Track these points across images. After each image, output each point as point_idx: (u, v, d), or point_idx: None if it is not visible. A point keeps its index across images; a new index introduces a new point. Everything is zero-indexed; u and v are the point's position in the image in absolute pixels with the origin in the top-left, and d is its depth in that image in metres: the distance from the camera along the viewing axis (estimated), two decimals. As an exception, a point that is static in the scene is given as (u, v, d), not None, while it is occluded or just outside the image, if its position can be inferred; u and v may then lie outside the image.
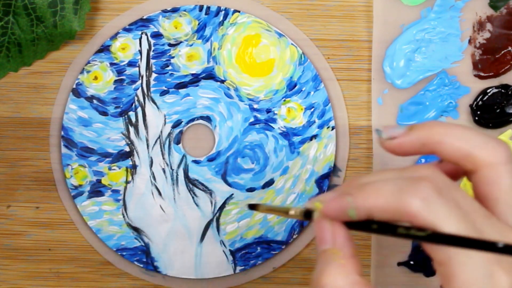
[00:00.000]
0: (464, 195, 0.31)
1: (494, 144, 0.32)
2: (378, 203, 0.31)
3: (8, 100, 0.52)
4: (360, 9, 0.52)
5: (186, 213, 0.51)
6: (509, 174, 0.32)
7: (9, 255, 0.52)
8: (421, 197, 0.30)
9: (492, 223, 0.31)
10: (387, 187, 0.31)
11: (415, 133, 0.34)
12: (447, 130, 0.33)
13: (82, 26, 0.50)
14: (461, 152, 0.32)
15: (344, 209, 0.32)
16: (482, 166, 0.32)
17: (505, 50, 0.51)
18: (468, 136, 0.32)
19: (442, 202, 0.30)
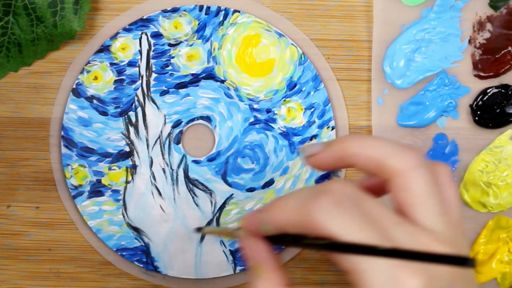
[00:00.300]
0: (374, 205, 0.32)
1: (403, 152, 0.33)
2: (286, 218, 0.33)
3: (8, 100, 0.52)
4: (360, 9, 0.52)
5: (186, 213, 0.51)
6: (420, 179, 0.33)
7: (9, 255, 0.52)
8: (320, 209, 0.31)
9: (404, 228, 0.32)
10: (293, 202, 0.33)
11: (331, 149, 0.35)
12: (360, 143, 0.34)
13: (82, 26, 0.50)
14: (374, 163, 0.34)
15: (259, 225, 0.35)
16: (394, 174, 0.33)
17: (505, 50, 0.51)
18: (379, 146, 0.33)
19: (340, 213, 0.31)
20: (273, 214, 0.34)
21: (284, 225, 0.33)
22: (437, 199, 0.33)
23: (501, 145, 0.52)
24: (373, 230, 0.31)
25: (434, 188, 0.33)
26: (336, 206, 0.31)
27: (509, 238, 0.52)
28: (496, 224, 0.52)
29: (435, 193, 0.33)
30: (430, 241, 0.32)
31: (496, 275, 0.52)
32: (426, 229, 0.32)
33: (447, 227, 0.33)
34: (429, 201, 0.33)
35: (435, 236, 0.32)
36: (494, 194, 0.52)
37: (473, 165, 0.52)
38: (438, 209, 0.33)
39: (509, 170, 0.52)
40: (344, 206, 0.31)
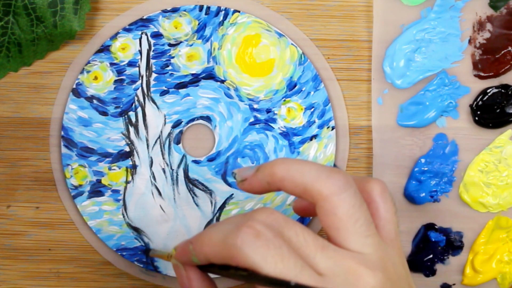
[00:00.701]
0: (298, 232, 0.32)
1: (327, 176, 0.33)
2: (211, 250, 0.34)
3: (8, 100, 0.52)
4: (360, 9, 0.52)
5: (186, 213, 0.51)
6: (344, 203, 0.33)
7: (9, 255, 0.52)
8: (241, 242, 0.32)
9: (327, 253, 0.32)
10: (216, 234, 0.33)
11: (260, 174, 0.35)
12: (286, 167, 0.34)
13: (82, 26, 0.50)
14: (299, 187, 0.34)
15: (188, 256, 0.35)
16: (319, 198, 0.33)
17: (505, 50, 0.51)
18: (304, 171, 0.34)
19: (261, 245, 0.31)
20: (199, 247, 0.34)
21: (210, 257, 0.34)
22: (363, 221, 0.33)
23: (501, 145, 0.52)
24: (293, 259, 0.31)
25: (360, 210, 0.33)
26: (256, 238, 0.32)
27: (509, 238, 0.52)
28: (496, 224, 0.52)
29: (361, 215, 0.33)
30: (354, 264, 0.32)
31: (496, 275, 0.52)
32: (353, 252, 0.33)
33: (375, 248, 0.33)
34: (355, 224, 0.33)
35: (361, 259, 0.32)
36: (494, 194, 0.52)
37: (473, 165, 0.52)
38: (364, 231, 0.33)
39: (509, 170, 0.52)
40: (264, 237, 0.32)
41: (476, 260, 0.52)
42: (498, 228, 0.52)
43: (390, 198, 0.36)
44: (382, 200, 0.35)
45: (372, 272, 0.32)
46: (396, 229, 0.36)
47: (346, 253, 0.33)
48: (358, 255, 0.33)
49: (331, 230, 0.33)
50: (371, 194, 0.36)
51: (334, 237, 0.33)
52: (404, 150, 0.52)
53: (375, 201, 0.35)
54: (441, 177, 0.52)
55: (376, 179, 0.36)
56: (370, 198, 0.36)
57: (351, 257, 0.32)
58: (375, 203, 0.35)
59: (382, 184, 0.36)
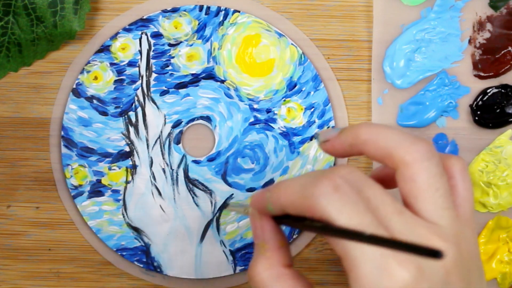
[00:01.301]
0: (377, 193, 0.32)
1: (411, 143, 0.33)
2: (288, 200, 0.33)
3: (8, 100, 0.52)
4: (360, 9, 0.52)
5: (186, 213, 0.51)
6: (426, 171, 0.33)
7: (9, 255, 0.52)
8: (319, 193, 0.31)
9: (404, 218, 0.32)
10: (295, 184, 0.33)
11: (344, 135, 0.35)
12: (371, 131, 0.34)
13: (82, 26, 0.50)
14: (382, 152, 0.33)
15: (264, 204, 0.35)
16: (400, 164, 0.33)
17: (505, 50, 0.51)
18: (388, 136, 0.33)
19: (338, 198, 0.31)
20: (276, 195, 0.34)
21: (286, 207, 0.33)
22: (442, 192, 0.33)
23: (501, 145, 0.52)
24: (368, 216, 0.31)
25: (441, 181, 0.33)
26: (335, 190, 0.31)
27: (509, 238, 0.52)
28: (496, 224, 0.52)
29: (441, 186, 0.33)
30: (429, 233, 0.32)
31: (496, 275, 0.52)
32: (428, 222, 0.32)
33: (451, 222, 0.33)
34: (434, 194, 0.32)
35: (435, 230, 0.32)
36: (494, 194, 0.52)
37: (473, 165, 0.52)
38: (442, 203, 0.33)
39: (509, 170, 0.52)
40: (343, 191, 0.31)
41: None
42: (498, 228, 0.52)
43: (469, 177, 0.35)
44: (461, 177, 0.35)
45: (446, 244, 0.32)
46: (472, 208, 0.35)
47: (422, 222, 0.32)
48: (434, 226, 0.32)
49: (409, 198, 0.33)
50: (451, 170, 0.35)
51: (411, 205, 0.33)
52: (404, 150, 0.51)
53: (454, 178, 0.35)
54: (441, 177, 0.51)
55: (458, 157, 0.35)
56: (450, 174, 0.35)
57: (426, 226, 0.32)
58: (454, 180, 0.35)
59: (463, 162, 0.35)
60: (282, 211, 0.34)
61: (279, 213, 0.35)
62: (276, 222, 0.36)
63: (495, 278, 0.52)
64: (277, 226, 0.36)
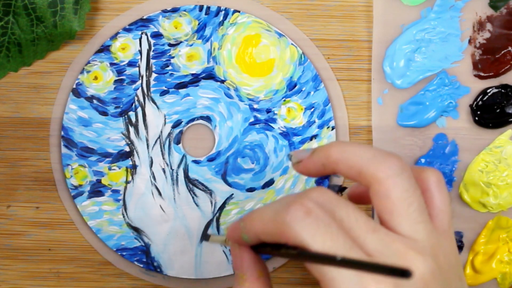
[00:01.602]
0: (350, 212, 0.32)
1: (382, 159, 0.33)
2: (261, 228, 0.33)
3: (8, 100, 0.52)
4: (360, 9, 0.52)
5: (186, 213, 0.51)
6: (397, 187, 0.33)
7: (9, 255, 0.52)
8: (292, 218, 0.32)
9: (378, 236, 0.32)
10: (267, 212, 0.33)
11: (316, 156, 0.35)
12: (342, 150, 0.34)
13: (82, 26, 0.50)
14: (354, 170, 0.34)
15: (239, 235, 0.35)
16: (372, 181, 0.33)
17: (505, 50, 0.51)
18: (359, 154, 0.34)
19: (309, 222, 0.31)
20: (250, 224, 0.34)
21: (260, 235, 0.34)
22: (416, 206, 0.33)
23: (501, 145, 0.52)
24: (342, 238, 0.31)
25: (414, 195, 0.33)
26: (307, 215, 0.31)
27: (509, 238, 0.52)
28: (496, 224, 0.52)
29: (415, 200, 0.33)
30: (404, 248, 0.32)
31: (496, 275, 0.52)
32: (404, 236, 0.32)
33: (427, 235, 0.33)
34: (408, 208, 0.33)
35: (411, 244, 0.32)
36: (494, 194, 0.52)
37: (473, 165, 0.52)
38: (417, 217, 0.33)
39: (509, 170, 0.52)
40: (315, 214, 0.31)
41: (476, 260, 0.52)
42: (498, 228, 0.52)
43: (445, 188, 0.35)
44: (437, 189, 0.35)
45: (422, 257, 0.32)
46: (449, 220, 0.35)
47: (397, 237, 0.32)
48: (410, 240, 0.32)
49: (384, 214, 0.33)
50: (426, 183, 0.35)
51: (386, 222, 0.33)
52: (404, 150, 0.52)
53: (430, 190, 0.35)
54: (441, 177, 0.52)
55: (432, 169, 0.36)
56: (425, 187, 0.35)
57: (402, 241, 0.32)
58: (430, 192, 0.35)
59: (438, 174, 0.35)
60: (258, 239, 0.34)
61: (255, 242, 0.35)
62: (254, 252, 0.36)
63: (495, 278, 0.52)
64: (256, 255, 0.36)
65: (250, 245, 0.36)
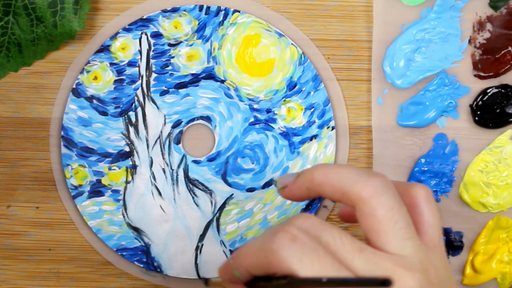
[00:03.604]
0: (335, 235, 0.32)
1: (366, 179, 0.33)
2: (248, 261, 0.34)
3: (8, 100, 0.52)
4: (360, 9, 0.52)
5: (186, 213, 0.51)
6: (382, 205, 0.33)
7: (9, 255, 0.52)
8: (277, 247, 0.32)
9: (365, 255, 0.32)
10: (254, 245, 0.33)
11: (300, 180, 0.36)
12: (326, 172, 0.34)
13: (82, 26, 0.50)
14: (338, 192, 0.34)
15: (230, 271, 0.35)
16: (357, 202, 0.33)
17: (505, 50, 0.51)
18: (341, 175, 0.34)
19: (295, 248, 0.31)
20: (238, 260, 0.34)
21: (250, 269, 0.34)
22: (403, 224, 0.33)
23: (501, 145, 0.52)
24: (329, 260, 0.31)
25: (399, 212, 0.33)
26: (292, 241, 0.32)
27: (509, 238, 0.52)
28: (496, 224, 0.52)
29: (400, 217, 0.33)
30: (392, 265, 0.32)
31: (496, 275, 0.52)
32: (392, 254, 0.33)
33: (416, 250, 0.33)
34: (394, 226, 0.33)
35: (399, 261, 0.32)
36: (494, 194, 0.52)
37: (473, 165, 0.52)
38: (404, 233, 0.33)
39: (509, 170, 0.52)
40: (301, 240, 0.32)
41: (476, 260, 0.52)
42: (498, 228, 0.52)
43: (434, 203, 0.36)
44: (426, 205, 0.35)
45: (411, 273, 0.32)
46: (440, 234, 0.35)
47: (384, 255, 0.32)
48: (397, 257, 0.32)
49: (370, 233, 0.33)
50: (415, 198, 0.35)
51: (373, 241, 0.33)
52: (404, 150, 0.52)
53: (419, 206, 0.35)
54: (441, 177, 0.52)
55: (421, 184, 0.36)
56: (414, 203, 0.35)
57: (389, 259, 0.32)
58: (419, 208, 0.35)
59: (427, 189, 0.36)
60: (249, 274, 0.34)
61: (247, 277, 0.35)
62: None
63: (495, 278, 0.52)
64: None
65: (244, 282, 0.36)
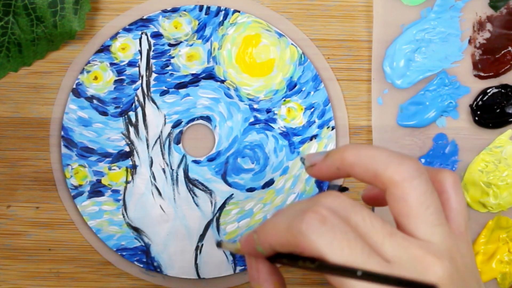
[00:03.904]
0: (365, 218, 0.32)
1: (398, 162, 0.33)
2: (275, 239, 0.33)
3: (8, 100, 0.52)
4: (360, 9, 0.52)
5: (186, 213, 0.51)
6: (415, 190, 0.32)
7: (9, 255, 0.52)
8: (306, 228, 0.31)
9: (395, 240, 0.32)
10: (280, 222, 0.33)
11: (330, 159, 0.35)
12: (356, 153, 0.34)
13: (82, 26, 0.50)
14: (370, 173, 0.33)
15: (252, 246, 0.34)
16: (389, 185, 0.33)
17: (505, 50, 0.51)
18: (375, 156, 0.33)
19: (326, 231, 0.31)
20: (263, 236, 0.34)
21: (275, 246, 0.33)
22: (433, 210, 0.33)
23: (501, 145, 0.52)
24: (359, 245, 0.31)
25: (431, 198, 0.33)
26: (322, 223, 0.31)
27: (509, 238, 0.52)
28: (496, 224, 0.52)
29: (432, 203, 0.33)
30: (423, 253, 0.32)
31: (496, 275, 0.52)
32: (421, 240, 0.32)
33: (445, 238, 0.33)
34: (425, 211, 0.32)
35: (429, 248, 0.32)
36: (494, 194, 0.52)
37: (473, 165, 0.52)
38: (434, 220, 0.32)
39: (509, 170, 0.52)
40: (331, 222, 0.31)
41: (476, 260, 0.52)
42: (498, 228, 0.52)
43: (461, 190, 0.35)
44: (454, 191, 0.35)
45: (440, 261, 0.32)
46: (466, 221, 0.35)
47: (414, 241, 0.32)
48: (427, 244, 0.32)
49: (400, 217, 0.33)
50: (443, 184, 0.35)
51: (403, 225, 0.33)
52: (404, 150, 0.52)
53: (446, 192, 0.35)
54: (441, 177, 0.51)
55: (448, 170, 0.35)
56: (442, 189, 0.35)
57: (419, 245, 0.32)
58: (446, 194, 0.35)
59: (455, 176, 0.35)
60: (273, 251, 0.34)
61: (270, 253, 0.34)
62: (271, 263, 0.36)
63: (495, 278, 0.52)
64: (273, 266, 0.36)
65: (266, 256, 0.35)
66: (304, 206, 0.32)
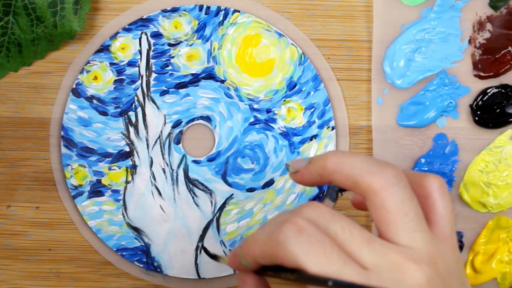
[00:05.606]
0: (344, 226, 0.32)
1: (378, 170, 0.33)
2: (256, 251, 0.33)
3: (8, 100, 0.52)
4: (360, 9, 0.52)
5: (186, 213, 0.51)
6: (392, 197, 0.33)
7: (9, 255, 0.52)
8: (283, 238, 0.31)
9: (373, 247, 0.32)
10: (261, 235, 0.33)
11: (312, 166, 0.35)
12: (338, 160, 0.34)
13: (82, 26, 0.50)
14: (350, 180, 0.34)
15: (238, 259, 0.35)
16: (368, 192, 0.33)
17: (505, 50, 0.51)
18: (354, 164, 0.33)
19: (302, 240, 0.31)
20: (246, 250, 0.34)
21: (257, 259, 0.34)
22: (412, 216, 0.33)
23: (501, 145, 0.52)
24: (336, 253, 0.31)
25: (410, 204, 0.33)
26: (298, 233, 0.31)
27: (509, 238, 0.52)
28: (496, 224, 0.52)
29: (411, 209, 0.33)
30: (401, 259, 0.32)
31: (496, 275, 0.52)
32: (401, 246, 0.32)
33: (425, 243, 0.33)
34: (404, 218, 0.32)
35: (408, 253, 0.32)
36: (494, 194, 0.52)
37: (473, 165, 0.52)
38: (414, 226, 0.33)
39: (509, 170, 0.52)
40: (307, 232, 0.31)
41: (476, 260, 0.52)
42: (498, 228, 0.52)
43: (447, 194, 0.35)
44: (439, 196, 0.35)
45: (419, 266, 0.32)
46: (452, 226, 0.35)
47: (393, 247, 0.32)
48: (406, 250, 0.32)
49: (380, 224, 0.33)
50: (428, 189, 0.35)
51: (383, 232, 0.33)
52: (404, 150, 0.52)
53: (431, 197, 0.35)
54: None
55: (435, 175, 0.35)
56: (427, 193, 0.35)
57: (398, 251, 0.32)
58: (431, 199, 0.35)
59: (440, 180, 0.35)
60: (257, 264, 0.34)
61: (255, 266, 0.35)
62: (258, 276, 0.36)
63: (495, 278, 0.52)
64: (260, 279, 0.36)
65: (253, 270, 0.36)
66: (284, 217, 0.33)
